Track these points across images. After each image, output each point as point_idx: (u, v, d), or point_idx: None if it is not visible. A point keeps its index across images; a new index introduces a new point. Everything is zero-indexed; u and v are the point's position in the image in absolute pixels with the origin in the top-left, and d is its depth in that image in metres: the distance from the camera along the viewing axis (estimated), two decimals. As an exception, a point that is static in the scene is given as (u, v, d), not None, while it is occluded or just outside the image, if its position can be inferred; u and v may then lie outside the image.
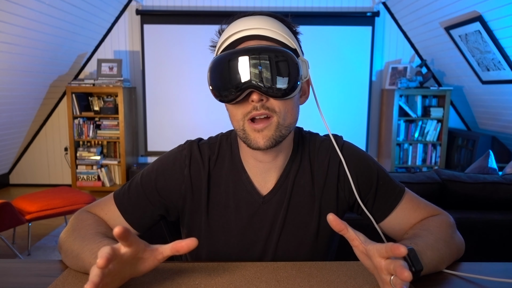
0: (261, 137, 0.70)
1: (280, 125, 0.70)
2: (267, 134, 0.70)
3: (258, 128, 0.69)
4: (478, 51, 3.29)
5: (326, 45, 4.16)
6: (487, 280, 0.66)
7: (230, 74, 0.67)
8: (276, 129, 0.70)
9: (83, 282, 0.63)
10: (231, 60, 0.67)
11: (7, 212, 2.28)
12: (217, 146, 0.82)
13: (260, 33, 0.69)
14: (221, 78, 0.69)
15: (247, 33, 0.69)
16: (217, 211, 0.80)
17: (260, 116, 0.69)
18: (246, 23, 0.70)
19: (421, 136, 4.13)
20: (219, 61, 0.69)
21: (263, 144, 0.70)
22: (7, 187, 4.43)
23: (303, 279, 0.66)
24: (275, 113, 0.70)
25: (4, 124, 3.64)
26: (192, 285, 0.63)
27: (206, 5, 4.20)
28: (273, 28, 0.70)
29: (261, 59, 0.66)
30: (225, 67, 0.68)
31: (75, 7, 3.37)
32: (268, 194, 0.79)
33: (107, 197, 0.82)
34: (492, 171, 1.91)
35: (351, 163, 0.80)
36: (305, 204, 0.80)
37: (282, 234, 0.79)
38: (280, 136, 0.71)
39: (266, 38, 0.70)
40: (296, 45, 0.72)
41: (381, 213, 0.80)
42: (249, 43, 0.70)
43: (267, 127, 0.70)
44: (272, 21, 0.71)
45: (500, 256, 1.41)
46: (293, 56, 0.68)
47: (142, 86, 4.27)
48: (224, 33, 0.73)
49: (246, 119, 0.70)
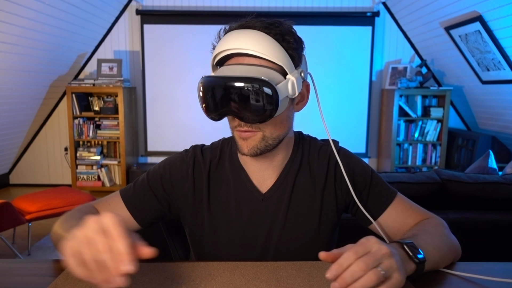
0: (245, 146, 0.75)
1: (266, 137, 0.75)
2: (252, 144, 0.75)
3: (244, 137, 0.75)
4: (478, 51, 3.29)
5: (326, 45, 4.16)
6: (487, 280, 0.66)
7: (211, 99, 0.72)
8: (261, 141, 0.75)
9: (83, 282, 0.63)
10: (211, 86, 0.71)
11: (7, 212, 2.28)
12: (218, 149, 0.87)
13: (249, 52, 0.71)
14: (204, 101, 0.73)
15: (237, 51, 0.72)
16: (219, 209, 0.83)
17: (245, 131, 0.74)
18: (239, 39, 0.71)
19: (421, 136, 4.13)
20: (202, 85, 0.73)
21: (247, 152, 0.75)
22: (7, 187, 4.43)
23: (303, 279, 0.66)
24: (259, 129, 0.74)
25: (4, 124, 3.64)
26: (192, 285, 0.63)
27: (206, 5, 4.19)
28: (263, 46, 0.70)
29: (237, 88, 0.68)
30: (207, 91, 0.72)
31: (75, 7, 3.37)
32: (268, 192, 0.83)
33: (113, 193, 0.87)
34: (492, 171, 1.91)
35: (347, 165, 0.85)
36: (307, 202, 0.84)
37: (284, 230, 0.82)
38: (266, 146, 0.75)
39: (254, 56, 0.72)
40: (286, 61, 0.72)
41: (375, 211, 0.83)
42: (238, 59, 0.73)
43: (252, 138, 0.74)
44: (263, 38, 0.71)
45: (500, 256, 1.41)
46: (269, 84, 0.67)
47: (142, 86, 4.27)
48: (219, 44, 0.75)
49: (234, 129, 0.76)
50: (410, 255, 0.62)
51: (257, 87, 0.67)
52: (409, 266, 0.62)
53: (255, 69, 0.70)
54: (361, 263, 0.51)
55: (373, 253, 0.53)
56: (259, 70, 0.70)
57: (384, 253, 0.54)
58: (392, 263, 0.54)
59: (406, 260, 0.62)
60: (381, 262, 0.53)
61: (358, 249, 0.54)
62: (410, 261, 0.62)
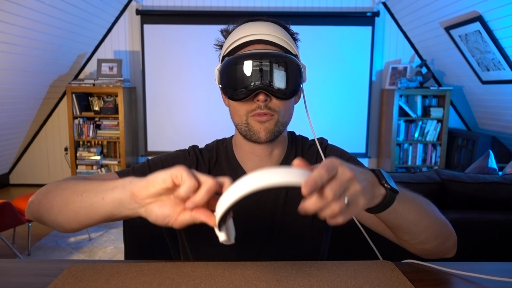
0: (263, 129, 0.77)
1: (279, 122, 0.78)
2: (268, 127, 0.77)
3: (262, 120, 0.77)
4: (478, 51, 3.29)
5: (326, 45, 4.16)
6: (487, 279, 0.66)
7: (242, 75, 0.74)
8: (275, 124, 0.78)
9: (83, 282, 0.63)
10: (243, 62, 0.74)
11: (7, 212, 2.28)
12: (214, 149, 0.89)
13: (266, 38, 0.75)
14: (232, 79, 0.75)
15: (254, 38, 0.75)
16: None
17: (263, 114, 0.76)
18: (253, 28, 0.77)
19: (421, 136, 4.13)
20: (231, 62, 0.75)
21: (264, 135, 0.77)
22: (7, 187, 4.43)
23: (303, 279, 0.66)
24: (276, 112, 0.77)
25: (4, 124, 3.64)
26: (192, 285, 0.63)
27: (206, 5, 4.20)
28: (278, 34, 0.76)
29: (270, 64, 0.73)
30: (237, 68, 0.74)
31: (75, 7, 3.37)
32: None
33: (107, 173, 0.81)
34: (492, 171, 1.91)
35: (334, 155, 0.87)
36: (300, 197, 0.82)
37: (282, 226, 0.83)
38: (278, 131, 0.79)
39: (270, 43, 0.76)
40: (297, 51, 0.80)
41: None
42: (255, 46, 0.76)
43: (269, 121, 0.77)
44: (276, 28, 0.78)
45: (500, 256, 1.41)
46: (297, 62, 0.76)
47: (142, 86, 4.27)
48: (232, 35, 0.79)
49: (249, 115, 0.77)
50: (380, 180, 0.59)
51: (289, 63, 0.74)
52: (378, 190, 0.59)
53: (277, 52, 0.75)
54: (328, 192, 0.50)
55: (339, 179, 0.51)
56: (281, 53, 0.75)
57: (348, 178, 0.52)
58: (356, 188, 0.52)
59: (375, 184, 0.59)
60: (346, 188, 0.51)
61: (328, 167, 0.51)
62: (380, 186, 0.59)
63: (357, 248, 1.09)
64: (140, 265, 0.70)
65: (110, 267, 0.69)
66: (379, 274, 0.68)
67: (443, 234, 0.71)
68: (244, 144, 0.83)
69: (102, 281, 0.64)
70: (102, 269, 0.69)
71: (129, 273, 0.67)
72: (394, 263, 0.73)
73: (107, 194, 0.60)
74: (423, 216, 0.67)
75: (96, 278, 0.65)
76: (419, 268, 0.72)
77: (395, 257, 0.76)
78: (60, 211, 0.65)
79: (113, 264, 0.71)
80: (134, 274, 0.67)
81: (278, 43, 0.76)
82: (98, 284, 0.63)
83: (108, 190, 0.60)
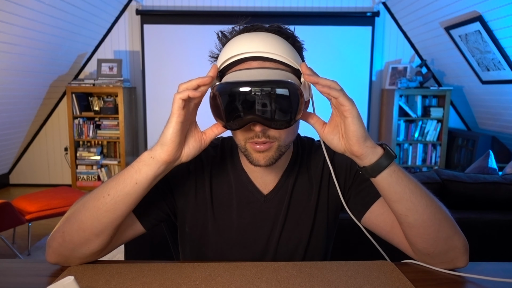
0: (262, 157, 0.72)
1: (280, 146, 0.73)
2: (268, 155, 0.72)
3: (260, 150, 0.71)
4: (478, 51, 3.29)
5: (326, 45, 4.16)
6: (487, 280, 0.66)
7: (233, 105, 0.65)
8: (276, 151, 0.72)
9: (83, 282, 0.63)
10: (234, 91, 0.64)
11: (7, 212, 2.28)
12: (219, 148, 0.86)
13: (264, 55, 0.67)
14: (224, 108, 0.66)
15: (250, 55, 0.68)
16: (220, 210, 0.82)
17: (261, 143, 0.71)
18: (249, 42, 0.68)
19: (421, 136, 4.13)
20: (222, 91, 0.65)
21: (264, 163, 0.73)
22: (7, 187, 4.43)
23: (304, 279, 0.66)
24: (276, 139, 0.71)
25: (4, 124, 3.64)
26: (193, 285, 0.63)
27: (206, 5, 4.19)
28: (276, 48, 0.67)
29: (265, 92, 0.62)
30: (228, 98, 0.65)
31: (75, 7, 3.37)
32: (270, 193, 0.82)
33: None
34: (492, 171, 1.91)
35: (341, 163, 0.84)
36: (304, 202, 0.83)
37: (283, 231, 0.82)
38: (280, 155, 0.74)
39: (268, 59, 0.68)
40: (299, 63, 0.70)
41: (365, 203, 0.80)
42: (251, 63, 0.68)
43: (268, 149, 0.72)
44: (276, 40, 0.69)
45: (500, 256, 1.41)
46: (296, 86, 0.64)
47: (142, 86, 4.27)
48: (226, 49, 0.70)
49: (248, 141, 0.72)
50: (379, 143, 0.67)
51: (287, 90, 0.63)
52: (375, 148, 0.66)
53: (275, 72, 0.66)
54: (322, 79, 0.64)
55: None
56: (279, 73, 0.66)
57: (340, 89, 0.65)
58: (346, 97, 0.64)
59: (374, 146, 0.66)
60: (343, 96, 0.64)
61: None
62: (377, 146, 0.67)
63: (358, 248, 1.09)
64: (140, 266, 0.70)
65: (110, 268, 0.69)
66: (380, 274, 0.68)
67: (448, 223, 0.70)
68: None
69: (102, 281, 0.64)
70: (102, 269, 0.69)
71: (129, 273, 0.67)
72: (394, 263, 0.73)
73: (138, 178, 0.67)
74: (423, 191, 0.70)
75: (96, 278, 0.65)
76: (419, 268, 0.72)
77: (395, 258, 0.76)
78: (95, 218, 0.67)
79: (113, 265, 0.71)
80: (135, 275, 0.67)
81: (277, 60, 0.68)
82: (98, 285, 0.63)
83: (134, 175, 0.67)
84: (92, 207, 0.67)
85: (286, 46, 0.69)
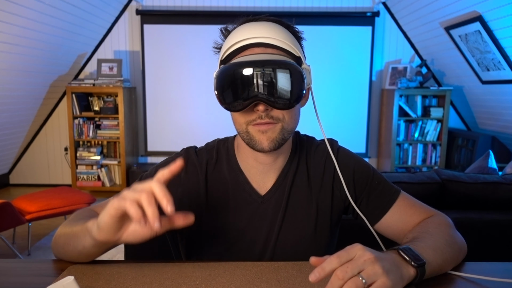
0: (265, 139, 0.72)
1: (284, 129, 0.73)
2: (271, 136, 0.72)
3: (263, 129, 0.72)
4: (478, 51, 3.29)
5: (326, 45, 4.16)
6: (487, 280, 0.66)
7: (237, 85, 0.68)
8: (280, 132, 0.73)
9: (83, 282, 0.63)
10: (238, 71, 0.68)
11: (7, 212, 2.28)
12: (215, 150, 0.84)
13: (266, 41, 0.70)
14: (228, 89, 0.70)
15: (253, 41, 0.70)
16: (217, 212, 0.81)
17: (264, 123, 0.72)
18: (252, 29, 0.71)
19: (421, 136, 4.13)
20: (226, 71, 0.69)
21: (267, 145, 0.72)
22: (7, 187, 4.43)
23: (304, 279, 0.66)
24: (279, 120, 0.72)
25: (4, 124, 3.64)
26: (193, 285, 0.63)
27: (206, 5, 4.20)
28: (278, 36, 0.71)
29: (267, 72, 0.67)
30: (232, 78, 0.69)
31: (75, 7, 3.37)
32: (267, 194, 0.81)
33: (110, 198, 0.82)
34: (492, 171, 1.91)
35: (347, 164, 0.83)
36: (303, 203, 0.82)
37: (281, 233, 0.80)
38: (282, 139, 0.73)
39: (271, 46, 0.70)
40: (300, 52, 0.73)
41: (379, 211, 0.81)
42: (254, 50, 0.70)
43: (272, 129, 0.72)
44: (278, 28, 0.72)
45: (500, 256, 1.41)
46: (298, 68, 0.69)
47: (142, 86, 4.27)
48: (229, 38, 0.73)
49: (250, 124, 0.72)
50: (406, 259, 0.60)
51: (289, 70, 0.67)
52: (407, 270, 0.59)
53: (277, 57, 0.69)
54: (339, 272, 0.51)
55: (354, 260, 0.53)
56: (281, 58, 0.69)
57: (366, 259, 0.53)
58: (376, 269, 0.52)
59: (402, 265, 0.59)
60: (362, 269, 0.52)
61: (341, 254, 0.54)
62: (408, 265, 0.59)
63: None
64: (140, 266, 0.70)
65: (110, 268, 0.69)
66: (380, 274, 0.68)
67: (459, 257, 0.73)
68: (247, 150, 0.78)
69: (102, 281, 0.64)
70: (102, 269, 0.69)
71: (130, 273, 0.67)
72: (394, 264, 0.73)
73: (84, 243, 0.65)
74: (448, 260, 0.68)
75: (96, 278, 0.65)
76: (419, 268, 0.71)
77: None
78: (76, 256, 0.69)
79: (113, 265, 0.71)
80: (135, 275, 0.67)
81: (278, 46, 0.70)
82: (98, 285, 0.63)
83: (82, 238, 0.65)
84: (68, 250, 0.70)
85: (287, 34, 0.72)
